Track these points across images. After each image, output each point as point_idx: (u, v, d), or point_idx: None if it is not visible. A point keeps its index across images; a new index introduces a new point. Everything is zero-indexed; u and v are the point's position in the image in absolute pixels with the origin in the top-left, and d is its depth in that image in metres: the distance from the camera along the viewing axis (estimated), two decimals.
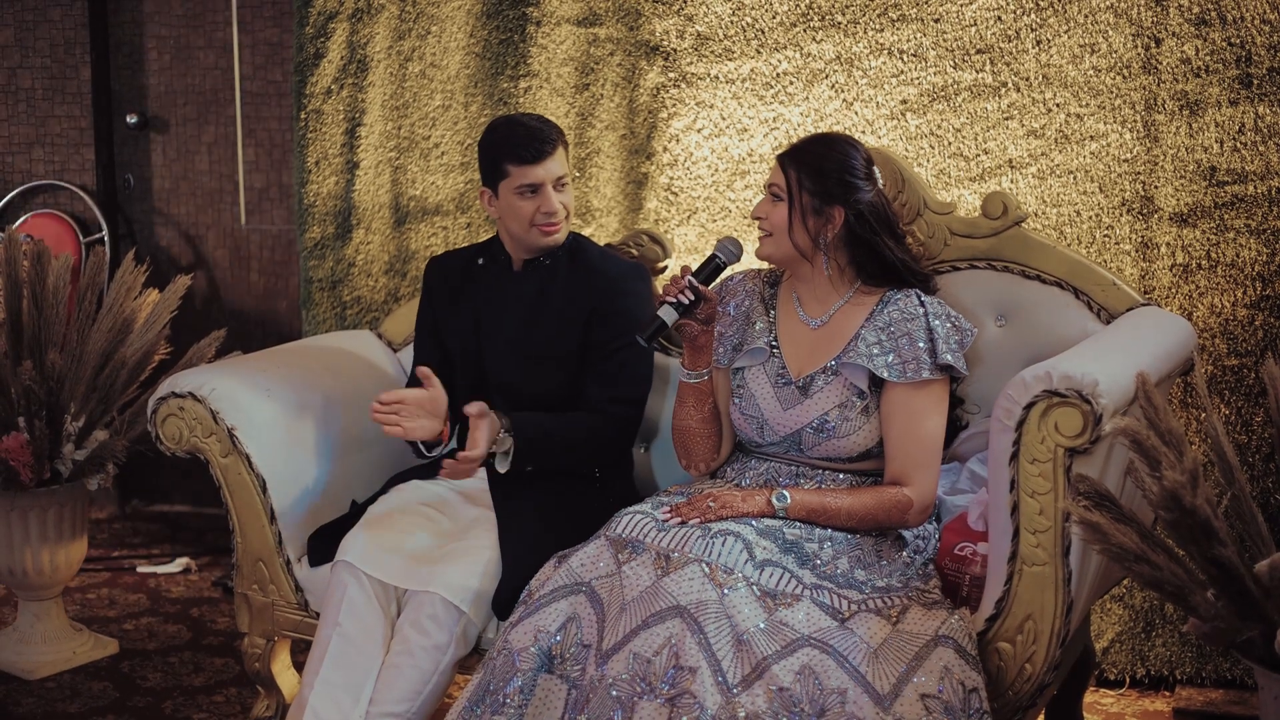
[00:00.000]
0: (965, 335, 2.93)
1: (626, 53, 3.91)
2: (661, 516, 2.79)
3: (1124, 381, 2.60)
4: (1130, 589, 3.60)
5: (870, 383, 2.91)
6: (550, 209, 3.16)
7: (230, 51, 5.01)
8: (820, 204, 2.91)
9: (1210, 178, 3.46)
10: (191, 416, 3.23)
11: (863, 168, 2.94)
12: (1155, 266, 3.52)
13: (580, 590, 2.73)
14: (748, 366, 3.02)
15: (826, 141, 2.98)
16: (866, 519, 2.85)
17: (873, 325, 2.93)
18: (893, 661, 2.57)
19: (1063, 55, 3.53)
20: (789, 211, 2.93)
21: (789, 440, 2.95)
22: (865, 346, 2.90)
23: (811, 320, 3.00)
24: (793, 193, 2.93)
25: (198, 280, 5.01)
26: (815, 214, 2.92)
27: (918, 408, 2.87)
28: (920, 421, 2.87)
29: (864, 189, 2.92)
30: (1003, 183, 3.59)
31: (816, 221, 2.93)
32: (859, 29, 3.68)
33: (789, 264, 3.00)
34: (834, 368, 2.93)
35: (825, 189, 2.91)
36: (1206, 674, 3.60)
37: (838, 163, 2.92)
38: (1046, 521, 2.62)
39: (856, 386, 2.90)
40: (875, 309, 2.95)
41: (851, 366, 2.91)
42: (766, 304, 3.08)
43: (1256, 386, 3.48)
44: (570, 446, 3.17)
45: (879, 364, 2.88)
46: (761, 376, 3.00)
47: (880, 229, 2.94)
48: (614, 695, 2.55)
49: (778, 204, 2.95)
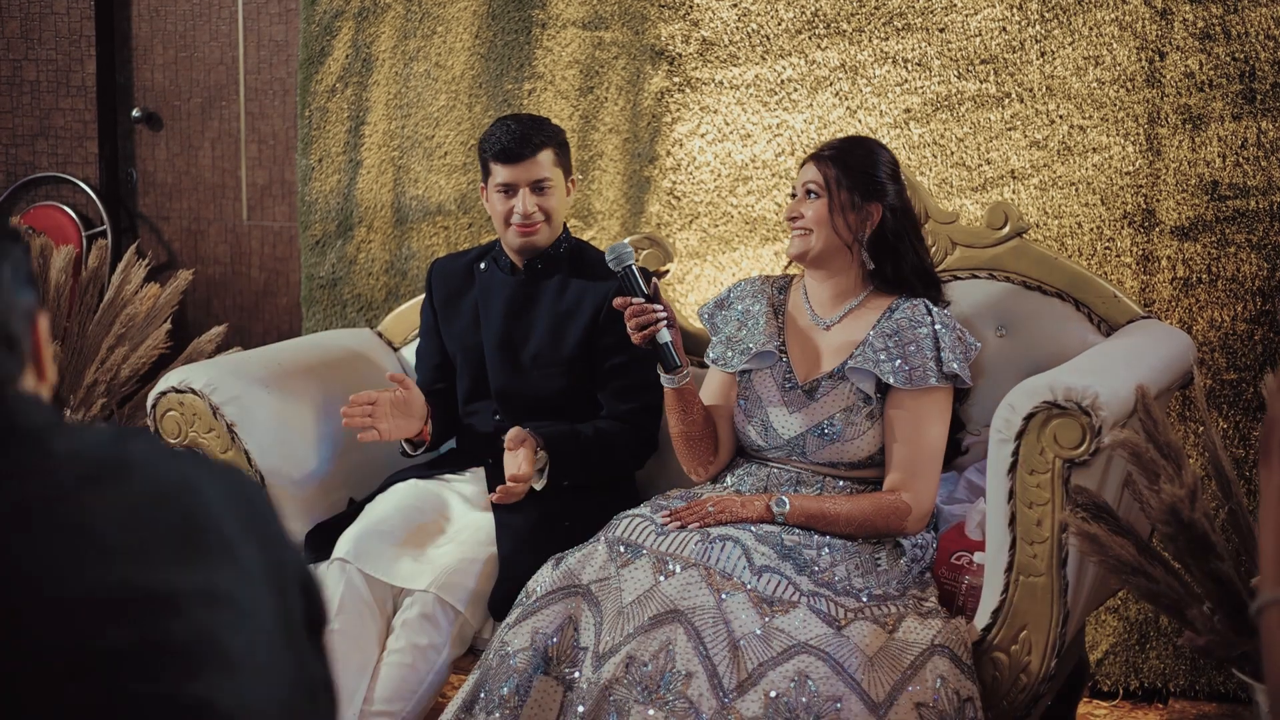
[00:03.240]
0: (970, 349, 2.95)
1: (631, 57, 3.91)
2: (660, 520, 2.80)
3: (1124, 394, 2.61)
4: (1125, 601, 3.61)
5: (876, 388, 2.91)
6: (521, 210, 3.17)
7: (235, 47, 5.01)
8: (859, 200, 2.95)
9: (1212, 192, 3.47)
10: (191, 412, 3.23)
11: (891, 168, 3.01)
12: (1156, 279, 3.52)
13: (577, 592, 2.73)
14: (755, 370, 3.03)
15: (858, 141, 3.07)
16: (865, 525, 2.86)
17: (880, 331, 2.93)
18: (888, 669, 2.57)
19: (1067, 67, 3.54)
20: (829, 207, 2.96)
21: (792, 444, 2.96)
22: (872, 352, 2.91)
23: (822, 320, 3.01)
24: (831, 189, 2.96)
25: (198, 275, 5.01)
26: (854, 209, 2.96)
27: (921, 415, 2.88)
28: (923, 429, 2.88)
29: (895, 188, 2.98)
30: (1004, 193, 3.60)
31: (856, 217, 2.96)
32: (864, 37, 3.68)
33: (822, 262, 3.01)
34: (840, 373, 2.93)
35: (862, 186, 2.96)
36: (1200, 687, 3.61)
37: (872, 161, 2.99)
38: (1044, 532, 2.62)
39: (862, 392, 2.91)
40: (883, 315, 2.96)
41: (858, 372, 2.92)
42: (776, 308, 3.08)
43: (1255, 401, 3.48)
44: (603, 457, 3.17)
45: (885, 370, 2.88)
46: (768, 380, 3.00)
47: (909, 229, 3.00)
48: (610, 698, 2.55)
49: (814, 201, 2.97)
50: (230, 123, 5.06)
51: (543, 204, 3.18)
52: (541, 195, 3.18)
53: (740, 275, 3.78)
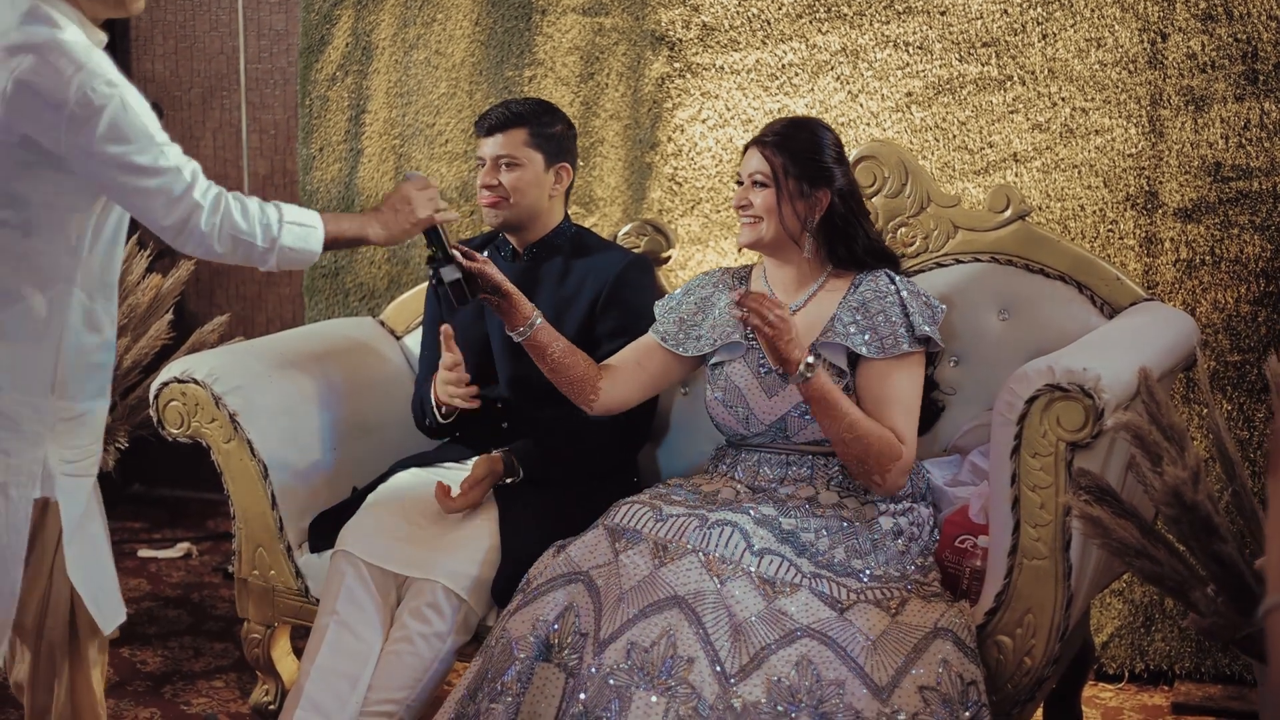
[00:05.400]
0: (936, 312, 2.97)
1: (632, 43, 3.90)
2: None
3: (1126, 376, 2.60)
4: (1130, 583, 3.60)
5: (849, 362, 2.92)
6: (484, 182, 3.24)
7: (235, 37, 5.01)
8: (807, 188, 2.95)
9: (1215, 173, 3.46)
10: (193, 401, 3.23)
11: (837, 150, 3.01)
12: (1159, 262, 3.51)
13: (578, 579, 2.74)
14: (727, 361, 3.03)
15: (801, 125, 3.04)
16: (862, 440, 2.83)
17: (847, 306, 2.95)
18: (891, 653, 2.57)
19: (1068, 49, 3.52)
20: (777, 197, 2.95)
21: (774, 428, 2.96)
22: (841, 326, 2.92)
23: (788, 306, 3.00)
24: (779, 178, 2.96)
25: (201, 266, 5.01)
26: (803, 198, 2.96)
27: (896, 379, 2.89)
28: (900, 390, 2.89)
29: (841, 171, 2.99)
30: (1007, 176, 3.59)
31: (804, 205, 2.96)
32: (865, 21, 3.67)
33: (775, 249, 3.02)
34: (813, 350, 2.92)
35: (810, 173, 2.96)
36: (1206, 669, 3.60)
37: (818, 145, 2.98)
38: (1047, 515, 2.62)
39: (836, 366, 2.91)
40: (849, 291, 2.98)
41: (830, 346, 2.92)
42: None
43: (1259, 382, 3.47)
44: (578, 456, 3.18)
45: (857, 342, 2.89)
46: (742, 368, 3.01)
47: (858, 210, 3.01)
48: (611, 684, 2.55)
49: (762, 190, 2.96)
50: (231, 112, 5.06)
51: (505, 180, 3.21)
52: (504, 172, 3.22)
53: (743, 261, 3.77)
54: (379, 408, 3.49)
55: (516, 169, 3.22)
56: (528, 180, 3.23)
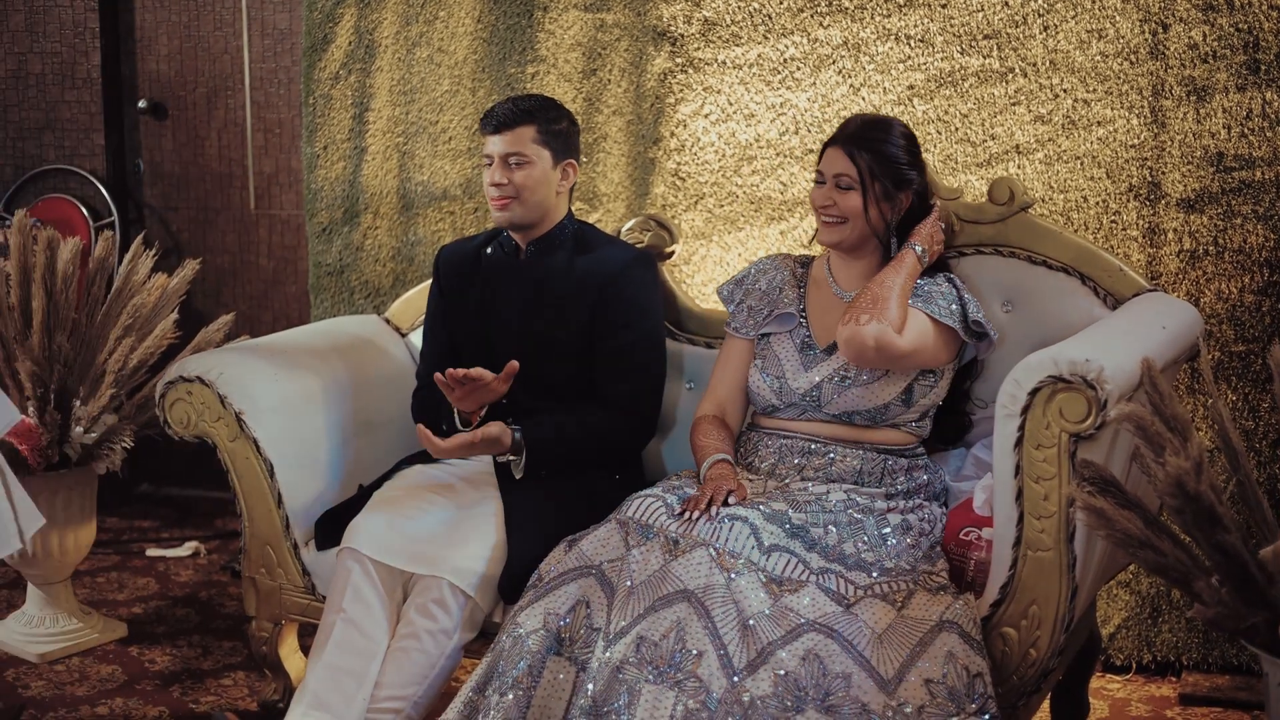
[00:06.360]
0: (986, 326, 3.03)
1: (634, 38, 3.90)
2: (677, 515, 2.80)
3: (1129, 367, 2.60)
4: (1137, 575, 3.60)
5: None
6: (492, 180, 3.21)
7: (239, 37, 5.01)
8: (893, 189, 2.99)
9: (1218, 163, 3.45)
10: (199, 401, 3.24)
11: (912, 148, 3.04)
12: (1162, 252, 3.51)
13: (590, 573, 2.74)
14: (775, 334, 3.06)
15: (885, 126, 3.04)
16: (884, 281, 2.91)
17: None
18: (897, 646, 2.58)
19: (1070, 41, 3.52)
20: (863, 199, 2.98)
21: (808, 397, 2.98)
22: None
23: (846, 294, 3.05)
24: (865, 181, 2.98)
25: (206, 265, 5.02)
26: (888, 200, 3.00)
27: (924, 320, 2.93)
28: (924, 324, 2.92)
29: (918, 172, 3.04)
30: (1009, 168, 3.59)
31: (889, 207, 3.00)
32: (866, 14, 3.67)
33: (857, 248, 3.05)
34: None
35: (896, 175, 2.99)
36: (1213, 659, 3.61)
37: (900, 146, 3.01)
38: (1051, 507, 2.62)
39: None
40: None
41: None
42: (798, 280, 3.13)
43: (1263, 373, 3.47)
44: (584, 448, 3.18)
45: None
46: (787, 342, 3.06)
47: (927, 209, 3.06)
48: (620, 677, 2.56)
49: (847, 192, 2.99)
50: (236, 112, 5.07)
51: (514, 179, 3.20)
52: (513, 170, 3.20)
53: (746, 255, 3.78)
54: (384, 405, 3.50)
55: (525, 166, 3.21)
56: (536, 177, 3.23)
